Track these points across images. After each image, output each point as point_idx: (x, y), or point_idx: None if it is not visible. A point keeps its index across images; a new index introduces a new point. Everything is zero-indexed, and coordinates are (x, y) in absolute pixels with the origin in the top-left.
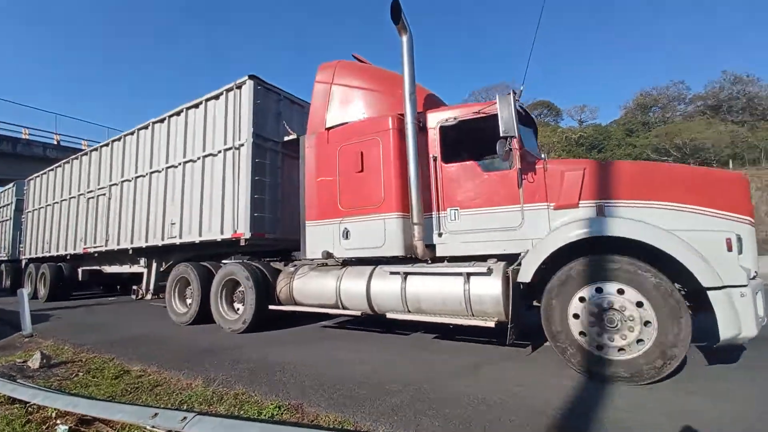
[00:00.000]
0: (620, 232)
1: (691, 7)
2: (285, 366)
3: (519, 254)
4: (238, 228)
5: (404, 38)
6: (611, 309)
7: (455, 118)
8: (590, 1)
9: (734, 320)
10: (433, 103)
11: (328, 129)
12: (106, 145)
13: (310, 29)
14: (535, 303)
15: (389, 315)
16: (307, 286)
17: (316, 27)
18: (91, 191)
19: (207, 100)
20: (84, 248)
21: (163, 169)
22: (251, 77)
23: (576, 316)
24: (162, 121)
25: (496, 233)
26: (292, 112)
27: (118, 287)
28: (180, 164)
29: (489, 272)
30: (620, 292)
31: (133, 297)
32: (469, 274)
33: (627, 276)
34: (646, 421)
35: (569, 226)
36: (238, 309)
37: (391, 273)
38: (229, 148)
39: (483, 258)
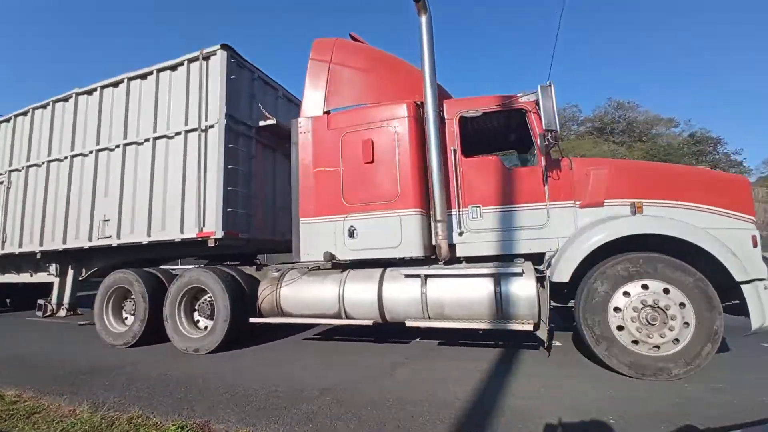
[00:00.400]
0: (661, 229)
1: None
2: (192, 381)
3: (544, 254)
4: (205, 226)
5: (423, 18)
6: (656, 307)
7: (476, 110)
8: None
9: (762, 311)
10: (441, 92)
11: (328, 113)
12: (6, 120)
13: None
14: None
15: (409, 323)
16: (300, 294)
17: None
18: None
19: (159, 70)
20: None
21: (91, 153)
22: (224, 47)
23: (617, 309)
24: (90, 93)
25: (521, 232)
26: (266, 96)
27: (8, 301)
28: (118, 147)
29: (521, 273)
30: (666, 291)
31: (39, 314)
32: (500, 275)
33: (673, 275)
34: (539, 405)
35: (609, 223)
36: (202, 325)
37: (407, 276)
38: (192, 130)
39: (505, 258)
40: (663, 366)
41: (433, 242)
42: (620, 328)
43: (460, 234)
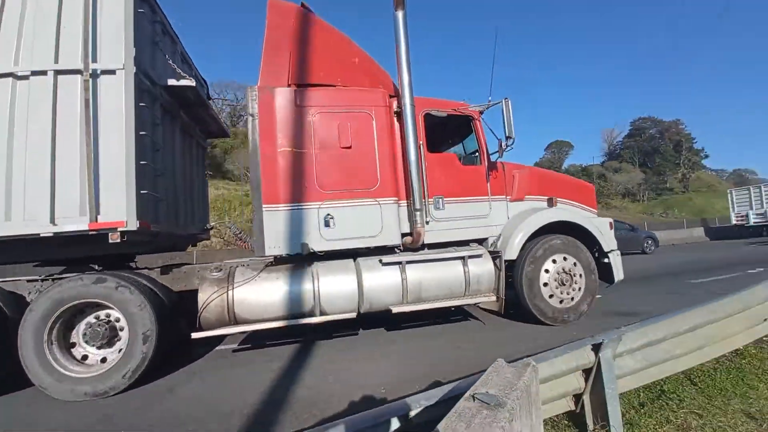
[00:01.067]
0: (572, 218)
1: None
2: None
3: (486, 239)
4: (101, 214)
5: (400, 13)
6: (567, 273)
7: (438, 110)
8: None
9: (619, 270)
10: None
11: (299, 86)
12: None
13: None
14: None
15: (395, 309)
16: (262, 296)
17: None
18: None
19: None
20: None
21: None
22: None
23: (547, 271)
24: None
25: (472, 220)
26: (165, 47)
27: None
28: None
29: (482, 255)
30: (574, 264)
31: None
32: (467, 258)
33: (579, 254)
34: (328, 390)
35: (539, 214)
36: (95, 358)
37: (386, 263)
38: (70, 71)
39: (460, 243)
40: (564, 315)
41: (410, 230)
42: (545, 284)
43: (427, 222)
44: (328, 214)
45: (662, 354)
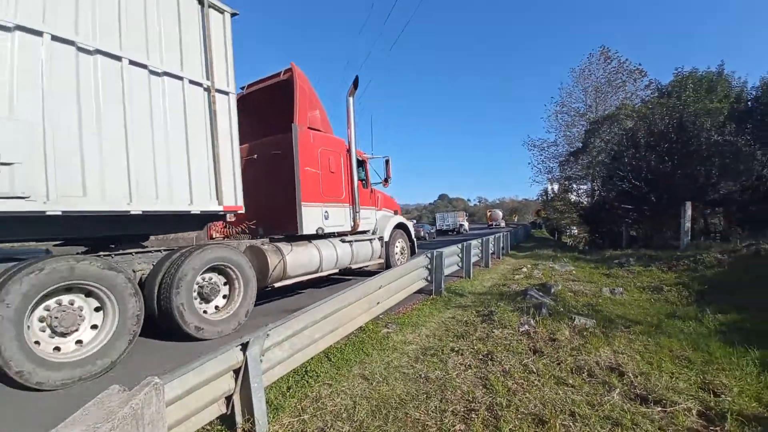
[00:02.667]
0: (404, 221)
1: None
2: None
3: (369, 230)
4: (224, 199)
5: (351, 99)
6: (403, 245)
7: (362, 157)
8: None
9: (415, 243)
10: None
11: (311, 129)
12: None
13: None
14: None
15: (354, 266)
16: (298, 260)
17: None
18: None
19: None
20: None
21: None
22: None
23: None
24: None
25: (368, 219)
26: None
27: None
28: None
29: (377, 238)
30: (404, 241)
31: None
32: (378, 239)
33: (403, 236)
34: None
35: (393, 218)
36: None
37: (346, 242)
38: (194, 83)
39: (363, 232)
40: (398, 261)
41: (352, 223)
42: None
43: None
44: (326, 211)
45: (306, 340)
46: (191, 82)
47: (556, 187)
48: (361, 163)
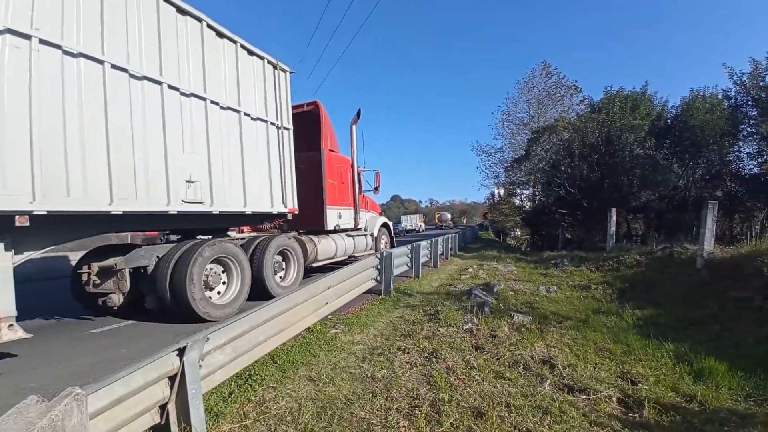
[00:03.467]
0: (387, 221)
1: None
2: None
3: (363, 227)
4: (288, 203)
5: (354, 126)
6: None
7: (361, 172)
8: None
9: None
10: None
11: (330, 151)
12: None
13: None
14: None
15: (356, 255)
16: (324, 248)
17: None
18: None
19: (243, 46)
20: None
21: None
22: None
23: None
24: None
25: (362, 219)
26: None
27: None
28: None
29: (369, 234)
30: (387, 236)
31: None
32: (369, 235)
33: (387, 232)
34: None
35: (379, 218)
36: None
37: (348, 236)
38: (273, 123)
39: (359, 229)
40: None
41: (354, 221)
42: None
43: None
44: (340, 213)
45: (250, 343)
46: (272, 123)
47: (502, 191)
48: (358, 175)
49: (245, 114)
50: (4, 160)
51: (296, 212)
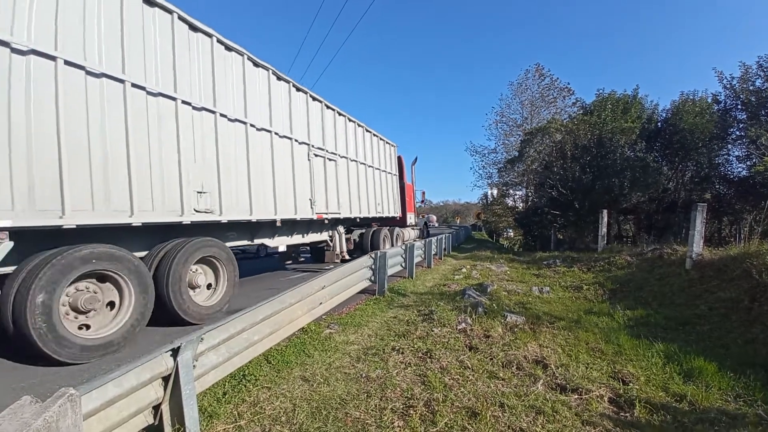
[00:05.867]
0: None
1: None
2: None
3: (416, 224)
4: (399, 211)
5: (413, 167)
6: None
7: (415, 190)
8: None
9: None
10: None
11: (407, 183)
12: None
13: None
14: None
15: (413, 240)
16: (406, 235)
17: None
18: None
19: (367, 130)
20: None
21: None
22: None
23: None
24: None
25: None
26: None
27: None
28: (346, 159)
29: (420, 228)
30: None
31: None
32: (419, 228)
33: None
34: None
35: (421, 219)
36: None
37: (413, 229)
38: (389, 173)
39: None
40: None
41: (413, 221)
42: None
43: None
44: (410, 215)
45: (244, 343)
46: (385, 171)
47: (495, 191)
48: (414, 193)
49: (372, 167)
50: (33, 177)
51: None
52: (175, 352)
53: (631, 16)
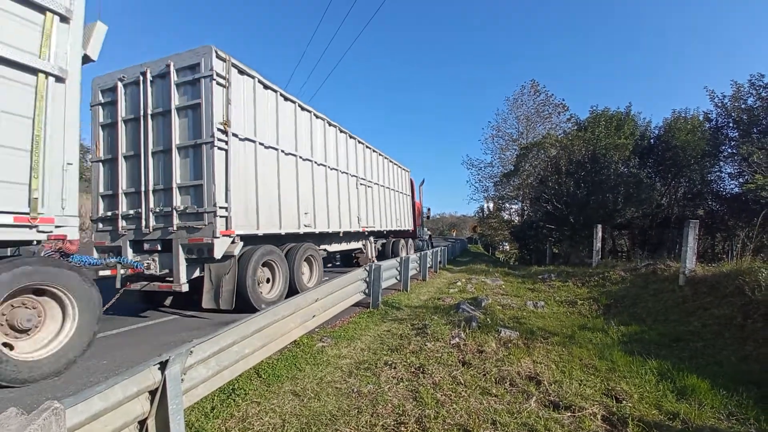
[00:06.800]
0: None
1: None
2: None
3: (424, 236)
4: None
5: (421, 188)
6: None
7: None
8: None
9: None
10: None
11: (418, 202)
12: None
13: None
14: None
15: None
16: (415, 245)
17: None
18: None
19: (392, 162)
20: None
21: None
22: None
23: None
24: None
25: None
26: None
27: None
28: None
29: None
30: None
31: None
32: (425, 240)
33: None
34: None
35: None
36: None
37: (420, 240)
38: (405, 194)
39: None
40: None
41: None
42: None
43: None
44: (418, 228)
45: (234, 356)
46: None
47: (491, 205)
48: (421, 209)
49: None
50: (249, 209)
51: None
52: (163, 366)
53: (621, 41)
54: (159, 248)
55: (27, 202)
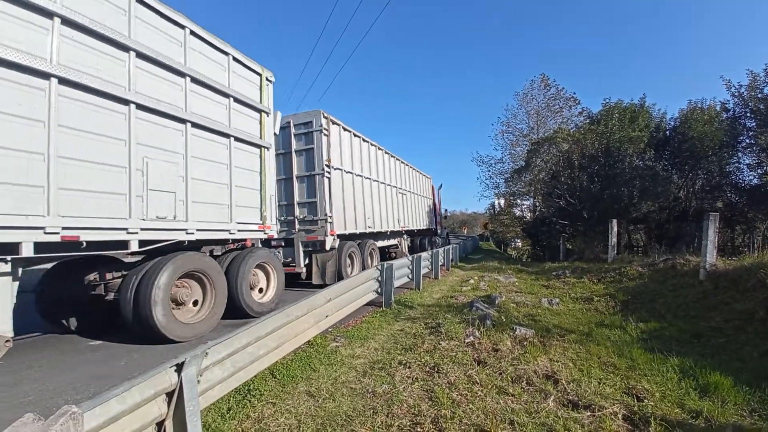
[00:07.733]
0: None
1: None
2: None
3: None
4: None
5: (439, 191)
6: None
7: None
8: None
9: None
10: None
11: (438, 204)
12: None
13: None
14: None
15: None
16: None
17: None
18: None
19: (419, 172)
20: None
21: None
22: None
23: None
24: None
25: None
26: None
27: None
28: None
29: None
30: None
31: None
32: (444, 237)
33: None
34: None
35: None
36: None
37: (441, 237)
38: (428, 198)
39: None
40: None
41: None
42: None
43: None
44: (438, 227)
45: (249, 357)
46: (426, 197)
47: (502, 201)
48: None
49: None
50: (341, 216)
51: (434, 228)
52: (179, 368)
53: (635, 27)
54: (283, 244)
55: (260, 217)
